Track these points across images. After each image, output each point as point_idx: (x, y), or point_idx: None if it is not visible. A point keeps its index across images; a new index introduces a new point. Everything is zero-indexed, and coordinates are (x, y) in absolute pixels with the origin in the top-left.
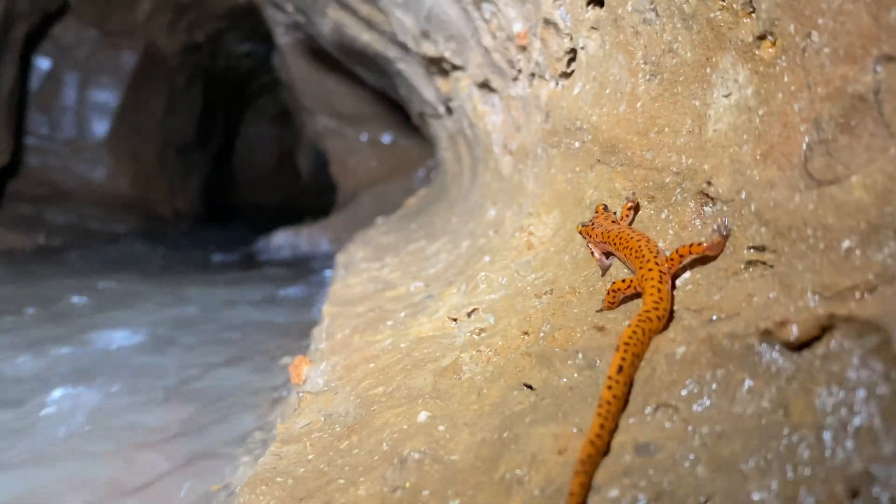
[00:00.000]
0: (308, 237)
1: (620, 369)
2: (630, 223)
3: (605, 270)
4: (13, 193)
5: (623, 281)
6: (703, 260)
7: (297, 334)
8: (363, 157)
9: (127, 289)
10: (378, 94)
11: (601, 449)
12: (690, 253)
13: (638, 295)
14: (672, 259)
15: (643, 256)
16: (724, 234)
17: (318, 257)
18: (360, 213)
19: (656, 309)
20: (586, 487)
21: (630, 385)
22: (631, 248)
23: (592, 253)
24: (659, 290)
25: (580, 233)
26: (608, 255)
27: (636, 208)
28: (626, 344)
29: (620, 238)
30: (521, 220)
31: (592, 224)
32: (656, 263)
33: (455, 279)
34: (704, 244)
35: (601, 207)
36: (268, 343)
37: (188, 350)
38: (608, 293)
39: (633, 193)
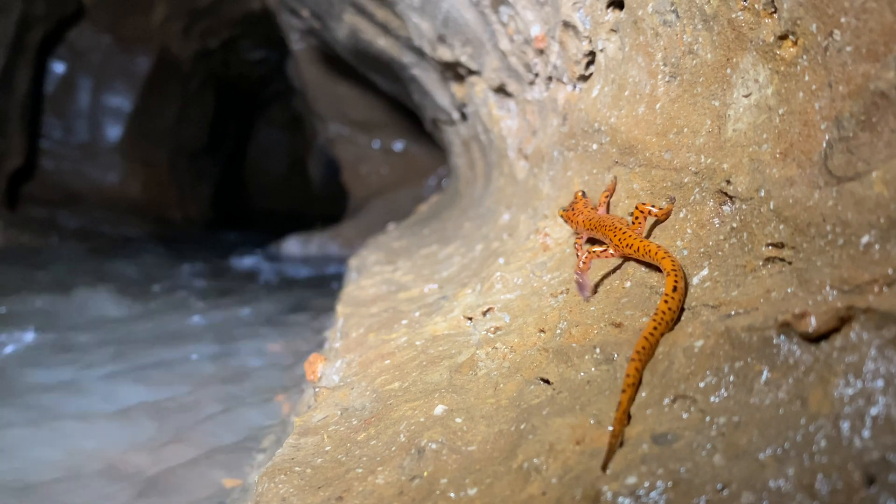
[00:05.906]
0: (319, 244)
1: (675, 288)
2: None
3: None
4: (27, 196)
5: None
6: (720, 257)
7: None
8: (375, 164)
9: None
10: (391, 101)
11: (653, 345)
12: (650, 214)
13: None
14: (636, 218)
15: (619, 229)
16: (672, 202)
17: (329, 263)
18: (370, 221)
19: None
20: (640, 371)
21: (680, 311)
22: (607, 226)
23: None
24: (666, 252)
25: (561, 216)
26: (593, 242)
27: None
28: (675, 270)
29: (601, 222)
30: (535, 222)
31: (573, 209)
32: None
33: (469, 281)
34: (655, 210)
35: (579, 194)
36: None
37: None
38: (582, 258)
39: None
